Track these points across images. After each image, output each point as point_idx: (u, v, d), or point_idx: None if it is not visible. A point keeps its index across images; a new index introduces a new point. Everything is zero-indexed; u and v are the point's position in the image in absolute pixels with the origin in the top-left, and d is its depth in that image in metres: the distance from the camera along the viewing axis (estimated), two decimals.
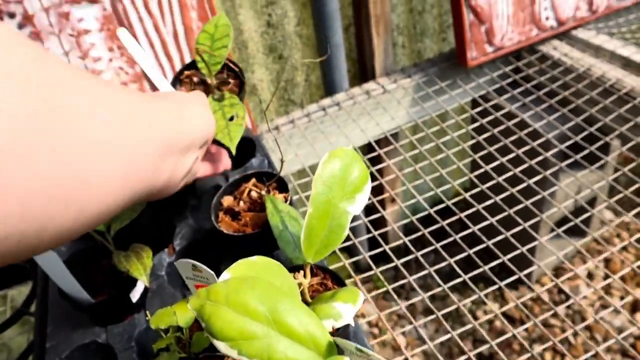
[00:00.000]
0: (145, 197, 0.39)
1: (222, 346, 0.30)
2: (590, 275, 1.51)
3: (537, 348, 1.19)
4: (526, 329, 1.41)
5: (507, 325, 0.63)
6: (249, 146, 0.72)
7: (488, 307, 1.46)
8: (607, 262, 1.51)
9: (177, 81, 0.60)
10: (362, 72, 1.08)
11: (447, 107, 0.96)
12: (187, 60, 0.80)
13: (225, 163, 0.59)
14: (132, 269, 0.53)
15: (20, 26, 0.70)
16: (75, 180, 0.28)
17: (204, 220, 0.68)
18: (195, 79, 0.60)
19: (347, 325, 0.38)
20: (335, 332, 0.40)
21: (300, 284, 0.43)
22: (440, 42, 1.28)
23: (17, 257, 0.27)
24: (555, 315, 1.38)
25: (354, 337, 0.53)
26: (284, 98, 1.14)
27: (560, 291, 1.48)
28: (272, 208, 0.52)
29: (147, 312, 0.54)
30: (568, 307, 1.46)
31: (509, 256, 0.71)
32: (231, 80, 0.59)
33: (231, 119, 0.54)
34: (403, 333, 1.42)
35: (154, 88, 0.74)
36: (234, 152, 0.53)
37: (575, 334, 1.29)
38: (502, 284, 0.68)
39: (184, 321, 0.45)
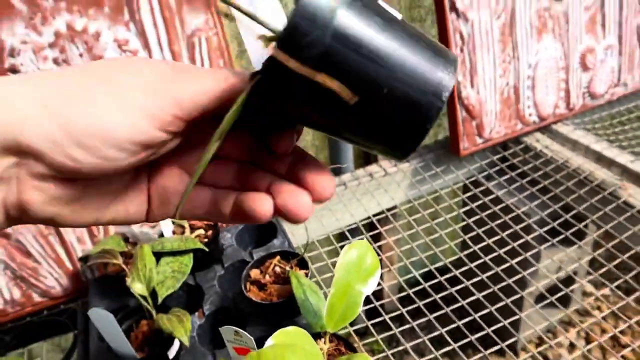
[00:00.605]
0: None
1: None
2: (572, 344, 1.60)
3: None
4: None
5: None
6: (270, 228, 0.83)
7: None
8: (588, 333, 1.61)
9: None
10: (366, 153, 1.21)
11: (441, 190, 1.08)
12: None
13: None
14: (175, 330, 0.63)
15: None
16: None
17: (228, 288, 0.78)
18: None
19: None
20: None
21: (322, 349, 0.54)
22: (436, 127, 1.42)
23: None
24: None
25: None
26: None
27: (545, 358, 1.57)
28: (297, 282, 0.63)
29: None
30: None
31: (493, 328, 0.81)
32: None
33: None
34: None
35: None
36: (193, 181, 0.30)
37: None
38: (487, 352, 0.79)
39: None
